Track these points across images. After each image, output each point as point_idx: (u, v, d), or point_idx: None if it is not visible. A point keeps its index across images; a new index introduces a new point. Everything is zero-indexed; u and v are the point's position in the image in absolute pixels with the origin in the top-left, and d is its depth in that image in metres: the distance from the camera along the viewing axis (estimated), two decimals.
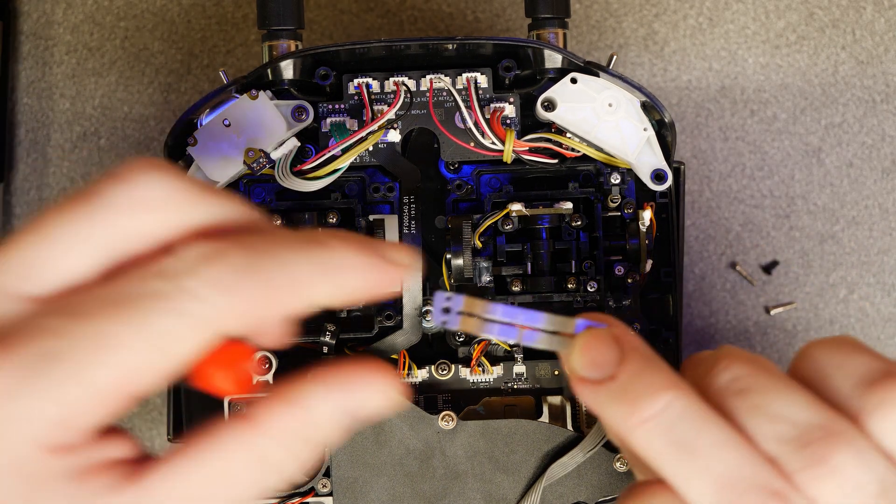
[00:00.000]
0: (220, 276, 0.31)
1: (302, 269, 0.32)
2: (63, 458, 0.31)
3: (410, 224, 0.51)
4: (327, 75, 0.51)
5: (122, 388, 0.30)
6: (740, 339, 0.63)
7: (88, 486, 0.31)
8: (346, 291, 0.33)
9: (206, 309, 0.30)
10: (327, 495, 0.49)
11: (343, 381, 0.34)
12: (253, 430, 0.32)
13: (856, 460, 0.32)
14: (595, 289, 0.50)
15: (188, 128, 0.50)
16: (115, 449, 0.32)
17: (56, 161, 0.64)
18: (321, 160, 0.50)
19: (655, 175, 0.50)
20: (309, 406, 0.33)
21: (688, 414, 0.34)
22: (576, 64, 0.50)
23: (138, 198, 0.32)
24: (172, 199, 0.32)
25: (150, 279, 0.31)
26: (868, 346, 0.35)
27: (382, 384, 0.34)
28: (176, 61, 0.64)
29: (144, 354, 0.30)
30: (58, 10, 0.64)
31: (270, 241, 0.32)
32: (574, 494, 0.49)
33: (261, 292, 0.31)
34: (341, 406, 0.33)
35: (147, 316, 0.30)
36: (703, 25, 0.64)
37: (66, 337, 0.30)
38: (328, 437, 0.34)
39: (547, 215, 0.50)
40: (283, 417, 0.33)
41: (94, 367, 0.30)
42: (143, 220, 0.32)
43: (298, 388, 0.33)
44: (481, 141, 0.51)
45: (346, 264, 0.33)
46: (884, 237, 0.64)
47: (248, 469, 0.32)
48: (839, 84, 0.64)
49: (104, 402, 0.30)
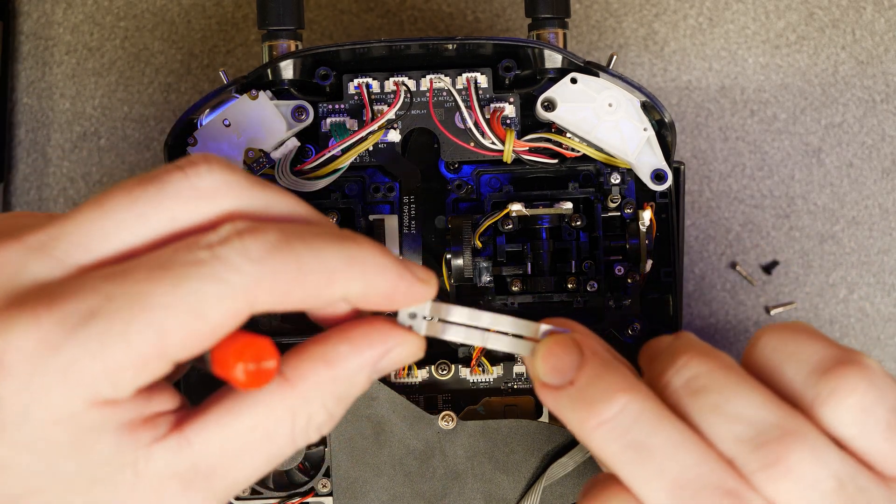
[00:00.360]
0: (253, 248, 0.33)
1: (333, 257, 0.34)
2: (110, 411, 0.32)
3: (410, 224, 0.51)
4: (327, 75, 0.51)
5: (161, 348, 0.32)
6: (740, 339, 0.63)
7: (134, 438, 0.33)
8: (372, 291, 0.35)
9: (238, 278, 0.32)
10: (327, 495, 0.49)
11: (369, 338, 0.36)
12: (288, 387, 0.35)
13: (811, 458, 0.33)
14: (595, 289, 0.50)
15: (188, 128, 0.50)
16: (160, 403, 0.34)
17: (56, 161, 0.64)
18: (321, 160, 0.50)
19: (655, 175, 0.50)
20: (338, 364, 0.35)
21: (643, 416, 0.34)
22: (576, 64, 0.50)
23: (196, 187, 0.34)
24: (225, 189, 0.34)
25: (190, 248, 0.33)
26: (819, 331, 0.36)
27: (404, 338, 0.37)
28: (176, 61, 0.64)
29: (181, 316, 0.32)
30: (58, 10, 0.64)
31: (307, 228, 0.34)
32: (574, 494, 0.49)
33: (291, 271, 0.33)
34: (369, 362, 0.36)
35: (184, 280, 0.32)
36: (703, 25, 0.64)
37: (108, 296, 0.32)
38: (358, 391, 0.36)
39: (547, 215, 0.50)
40: (316, 375, 0.35)
41: (134, 325, 0.31)
42: (198, 205, 0.34)
43: (328, 347, 0.35)
44: (481, 141, 0.51)
45: (376, 263, 0.35)
46: (884, 237, 0.64)
47: (283, 423, 0.35)
48: (839, 84, 0.64)
49: (146, 362, 0.32)
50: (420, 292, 0.37)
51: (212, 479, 0.34)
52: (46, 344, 0.31)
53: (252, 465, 0.35)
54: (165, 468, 0.33)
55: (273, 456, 0.35)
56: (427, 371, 0.51)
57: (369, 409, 0.48)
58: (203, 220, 0.34)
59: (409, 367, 0.51)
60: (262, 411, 0.34)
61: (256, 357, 0.33)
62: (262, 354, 0.33)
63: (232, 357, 0.33)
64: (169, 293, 0.32)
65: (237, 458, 0.34)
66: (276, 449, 0.35)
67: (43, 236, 0.33)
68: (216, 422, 0.34)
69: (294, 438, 0.35)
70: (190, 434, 0.34)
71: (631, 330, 0.50)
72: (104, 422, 0.32)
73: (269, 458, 0.35)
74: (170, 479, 0.33)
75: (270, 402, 0.34)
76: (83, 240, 0.33)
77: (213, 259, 0.32)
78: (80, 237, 0.33)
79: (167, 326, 0.32)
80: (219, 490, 0.34)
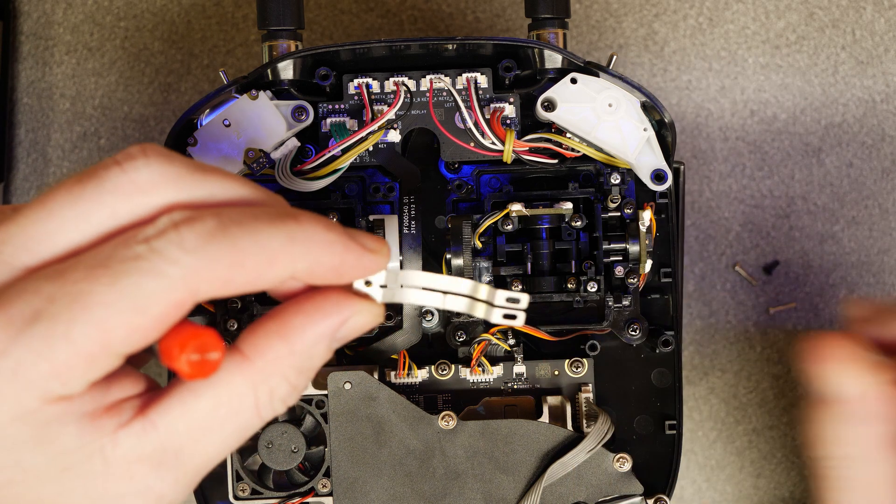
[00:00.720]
0: (188, 238, 0.33)
1: (272, 239, 0.34)
2: (66, 405, 0.33)
3: (410, 224, 0.51)
4: (327, 75, 0.51)
5: (106, 344, 0.33)
6: (740, 339, 0.63)
7: (96, 426, 0.34)
8: (318, 268, 0.36)
9: (176, 269, 0.33)
10: (327, 495, 0.49)
11: (323, 309, 0.36)
12: (247, 364, 0.35)
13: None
14: (595, 289, 0.50)
15: (188, 128, 0.50)
16: (121, 390, 0.35)
17: (56, 161, 0.64)
18: (321, 160, 0.50)
19: (655, 175, 0.50)
20: (294, 337, 0.36)
21: None
22: (576, 64, 0.50)
23: (134, 181, 0.34)
24: (163, 181, 0.35)
25: (128, 244, 0.33)
26: None
27: (360, 307, 0.37)
28: (176, 61, 0.64)
29: (122, 312, 0.32)
30: (58, 10, 0.64)
31: (245, 212, 0.35)
32: (574, 494, 0.49)
33: (229, 256, 0.34)
34: (326, 333, 0.37)
35: (122, 276, 0.32)
36: (703, 25, 0.64)
37: (49, 297, 0.32)
38: (319, 361, 0.37)
39: (547, 215, 0.50)
40: (273, 350, 0.36)
41: (75, 324, 0.32)
42: (138, 200, 0.34)
43: (284, 321, 0.36)
44: (481, 141, 0.51)
45: (319, 239, 0.35)
46: (884, 237, 0.64)
47: (246, 398, 0.35)
48: (839, 84, 0.64)
49: (93, 359, 0.33)
50: (370, 262, 0.37)
51: (181, 458, 0.35)
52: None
53: (220, 441, 0.36)
54: (132, 452, 0.34)
55: (240, 430, 0.36)
56: (427, 371, 0.51)
57: (369, 409, 0.48)
58: (143, 213, 0.34)
59: (409, 367, 0.51)
60: (223, 390, 0.35)
61: (200, 348, 0.34)
62: (206, 346, 0.34)
63: (177, 349, 0.34)
64: (108, 290, 0.32)
65: (204, 436, 0.35)
66: (242, 423, 0.36)
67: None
68: (179, 403, 0.35)
69: (259, 412, 0.36)
70: (154, 417, 0.35)
71: (631, 330, 0.50)
72: (62, 415, 0.33)
73: (237, 433, 0.36)
74: (139, 463, 0.34)
75: (231, 379, 0.35)
76: (28, 242, 0.34)
77: (149, 253, 0.33)
78: (25, 239, 0.34)
79: (109, 323, 0.32)
80: (190, 468, 0.35)
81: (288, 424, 0.49)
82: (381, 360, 0.51)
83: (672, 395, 0.52)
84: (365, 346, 0.51)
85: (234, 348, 0.36)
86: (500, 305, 0.39)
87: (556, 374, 0.52)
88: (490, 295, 0.38)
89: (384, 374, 0.51)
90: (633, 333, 0.50)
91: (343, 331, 0.37)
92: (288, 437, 0.49)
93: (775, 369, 0.63)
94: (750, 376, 0.63)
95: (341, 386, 0.48)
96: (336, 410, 0.48)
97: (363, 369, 0.49)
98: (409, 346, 0.51)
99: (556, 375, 0.52)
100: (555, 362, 0.52)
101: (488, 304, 0.38)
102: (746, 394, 0.63)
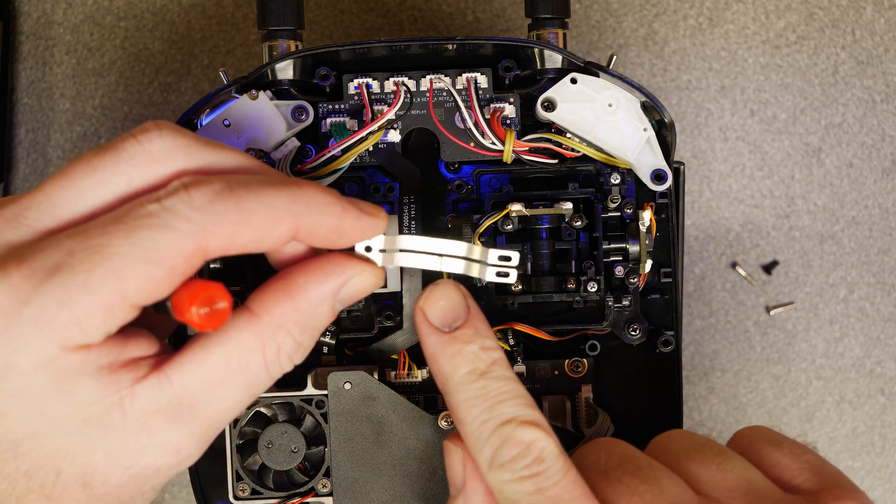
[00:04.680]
0: (197, 197, 0.36)
1: (275, 199, 0.38)
2: (84, 354, 0.35)
3: (410, 224, 0.51)
4: (327, 75, 0.51)
5: (122, 294, 0.35)
6: (740, 339, 0.63)
7: (114, 379, 0.36)
8: (319, 227, 0.39)
9: (186, 224, 0.36)
10: (327, 495, 0.49)
11: (325, 270, 0.40)
12: (255, 320, 0.38)
13: None
14: (595, 289, 0.50)
15: (188, 128, 0.50)
16: (137, 349, 0.37)
17: (56, 161, 0.64)
18: (321, 160, 0.50)
19: (655, 175, 0.51)
20: (299, 295, 0.39)
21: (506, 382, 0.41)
22: (576, 64, 0.50)
23: (148, 151, 0.38)
24: (175, 151, 0.38)
25: (142, 204, 0.36)
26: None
27: (361, 268, 0.41)
28: (176, 61, 0.64)
29: (137, 263, 0.35)
30: (58, 10, 0.64)
31: (252, 177, 0.38)
32: None
33: (235, 213, 0.37)
34: (328, 292, 0.40)
35: (136, 230, 0.35)
36: (703, 25, 0.64)
37: (70, 251, 0.35)
38: (323, 321, 0.40)
39: (547, 215, 0.50)
40: (279, 307, 0.39)
41: (94, 273, 0.35)
42: (152, 168, 0.38)
43: (289, 281, 0.39)
44: (481, 141, 0.51)
45: (319, 200, 0.39)
46: (884, 237, 0.64)
47: (255, 353, 0.38)
48: (839, 84, 0.64)
49: (110, 308, 0.35)
50: (369, 224, 0.40)
51: (196, 411, 0.37)
52: (18, 298, 0.34)
53: (232, 395, 0.38)
54: (149, 405, 0.37)
55: (251, 385, 0.39)
56: (427, 371, 0.51)
57: (369, 409, 0.48)
58: (157, 180, 0.38)
59: (409, 367, 0.51)
60: (233, 345, 0.38)
61: (209, 300, 0.36)
62: (215, 297, 0.36)
63: (187, 301, 0.36)
64: (123, 243, 0.35)
65: (217, 390, 0.38)
66: (252, 378, 0.38)
67: (16, 207, 0.37)
68: (192, 358, 0.37)
69: (267, 367, 0.39)
70: (169, 372, 0.37)
71: (631, 330, 0.50)
72: (82, 365, 0.35)
73: (248, 388, 0.39)
74: (156, 415, 0.37)
75: (240, 335, 0.38)
76: (50, 207, 0.37)
77: (161, 210, 0.36)
78: (48, 205, 0.37)
79: (125, 273, 0.35)
80: (205, 422, 0.38)
81: (288, 424, 0.49)
82: (381, 360, 0.51)
83: (672, 395, 0.52)
84: (365, 346, 0.51)
85: (243, 307, 0.39)
86: (493, 264, 0.43)
87: (556, 374, 0.52)
88: (483, 255, 0.42)
89: (384, 374, 0.51)
90: (633, 333, 0.50)
91: (345, 291, 0.40)
92: (288, 437, 0.49)
93: (775, 369, 0.63)
94: (750, 376, 0.63)
95: (341, 386, 0.48)
96: (336, 410, 0.48)
97: (363, 369, 0.49)
98: (409, 346, 0.51)
99: (556, 375, 0.52)
100: (555, 362, 0.52)
101: (482, 263, 0.42)
102: (746, 394, 0.63)
